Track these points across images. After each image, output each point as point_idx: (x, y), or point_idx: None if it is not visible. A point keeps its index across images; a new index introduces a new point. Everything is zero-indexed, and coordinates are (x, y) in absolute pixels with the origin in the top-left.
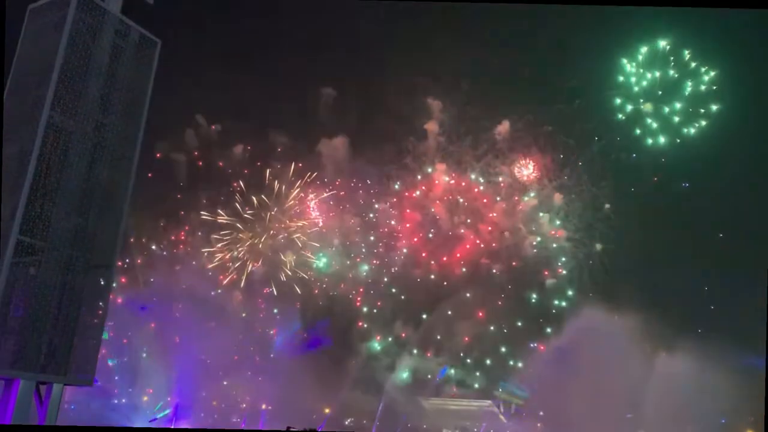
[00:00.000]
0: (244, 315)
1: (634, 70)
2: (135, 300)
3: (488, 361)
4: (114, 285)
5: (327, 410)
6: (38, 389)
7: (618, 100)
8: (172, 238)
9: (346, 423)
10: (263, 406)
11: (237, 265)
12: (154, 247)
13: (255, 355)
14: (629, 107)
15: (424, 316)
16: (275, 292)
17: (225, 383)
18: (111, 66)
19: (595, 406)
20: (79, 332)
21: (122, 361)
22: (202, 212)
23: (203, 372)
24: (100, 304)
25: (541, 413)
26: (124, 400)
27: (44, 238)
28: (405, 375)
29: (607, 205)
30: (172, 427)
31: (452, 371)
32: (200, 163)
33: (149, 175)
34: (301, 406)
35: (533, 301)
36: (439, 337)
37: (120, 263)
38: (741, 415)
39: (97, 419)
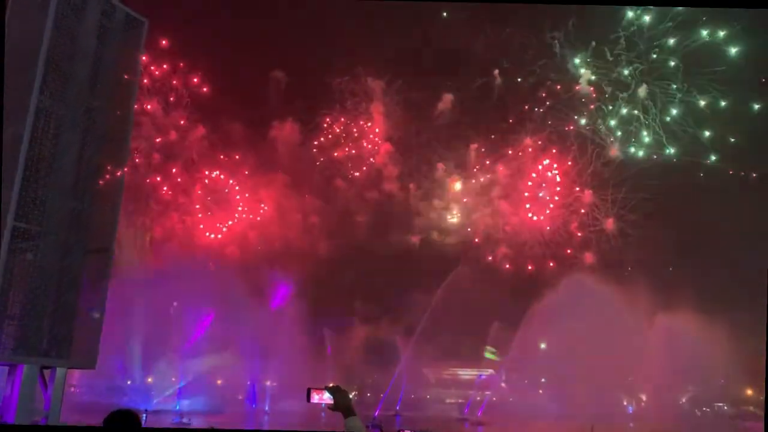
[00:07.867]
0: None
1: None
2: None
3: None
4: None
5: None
6: (42, 374)
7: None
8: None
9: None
10: (267, 383)
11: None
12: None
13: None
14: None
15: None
16: None
17: (226, 360)
18: (98, 47)
19: (595, 371)
20: (80, 316)
21: (124, 343)
22: None
23: (205, 350)
24: (100, 287)
25: (543, 380)
26: (129, 382)
27: (40, 223)
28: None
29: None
30: (177, 408)
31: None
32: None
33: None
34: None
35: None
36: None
37: None
38: (740, 375)
39: (102, 401)
